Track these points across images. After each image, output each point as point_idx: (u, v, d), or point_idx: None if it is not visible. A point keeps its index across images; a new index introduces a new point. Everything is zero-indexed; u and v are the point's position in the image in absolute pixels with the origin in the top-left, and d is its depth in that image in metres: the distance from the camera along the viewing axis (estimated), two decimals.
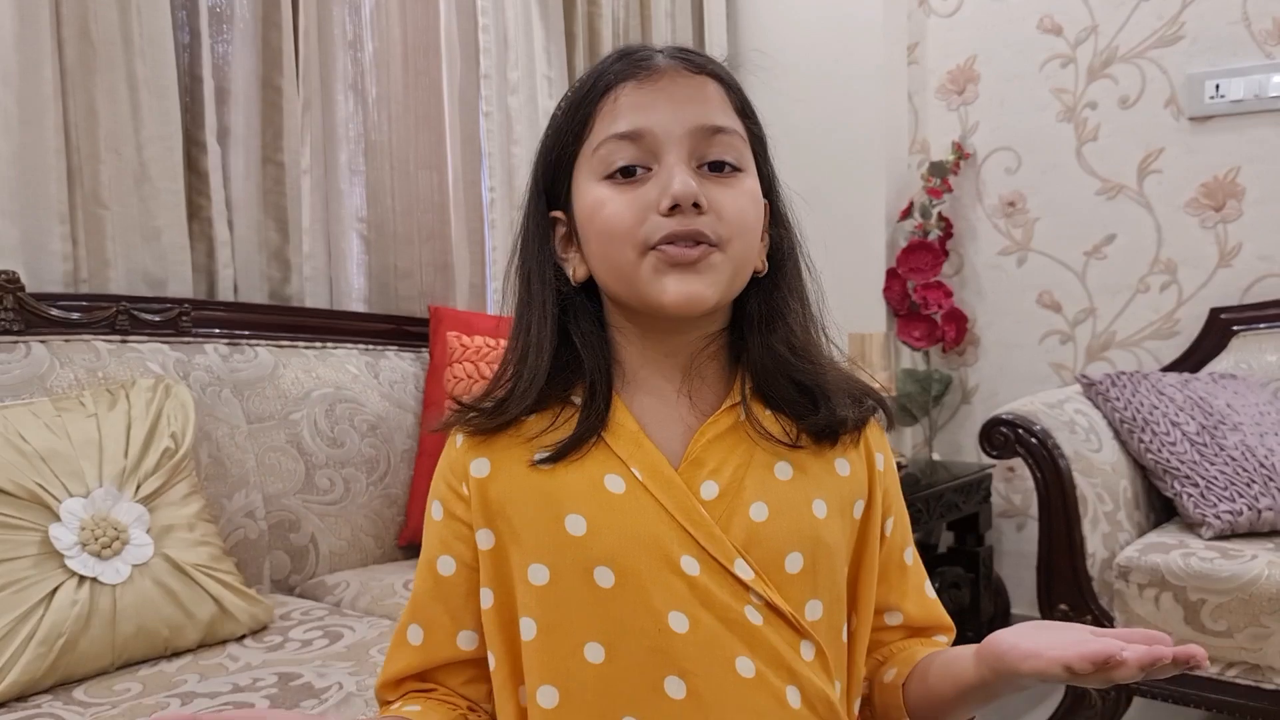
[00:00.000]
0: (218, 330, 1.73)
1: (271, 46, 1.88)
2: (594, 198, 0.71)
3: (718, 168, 0.71)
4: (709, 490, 0.71)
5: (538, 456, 0.72)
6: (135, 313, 1.61)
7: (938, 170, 2.58)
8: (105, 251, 1.65)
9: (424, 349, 2.02)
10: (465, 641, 0.75)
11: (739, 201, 0.71)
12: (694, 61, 0.72)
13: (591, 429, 0.72)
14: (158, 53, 1.68)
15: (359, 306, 2.08)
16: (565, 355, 0.74)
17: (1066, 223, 2.51)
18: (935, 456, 2.67)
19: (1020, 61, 2.54)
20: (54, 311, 1.52)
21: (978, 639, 2.30)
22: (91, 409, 1.37)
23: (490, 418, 0.74)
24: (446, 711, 0.75)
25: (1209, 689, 1.69)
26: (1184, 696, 1.72)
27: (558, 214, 0.76)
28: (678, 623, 0.68)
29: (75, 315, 1.54)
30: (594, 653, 0.69)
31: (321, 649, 1.31)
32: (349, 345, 1.92)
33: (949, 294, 2.58)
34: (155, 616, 1.27)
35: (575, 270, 0.75)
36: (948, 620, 0.83)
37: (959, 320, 2.59)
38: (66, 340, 1.51)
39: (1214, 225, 2.33)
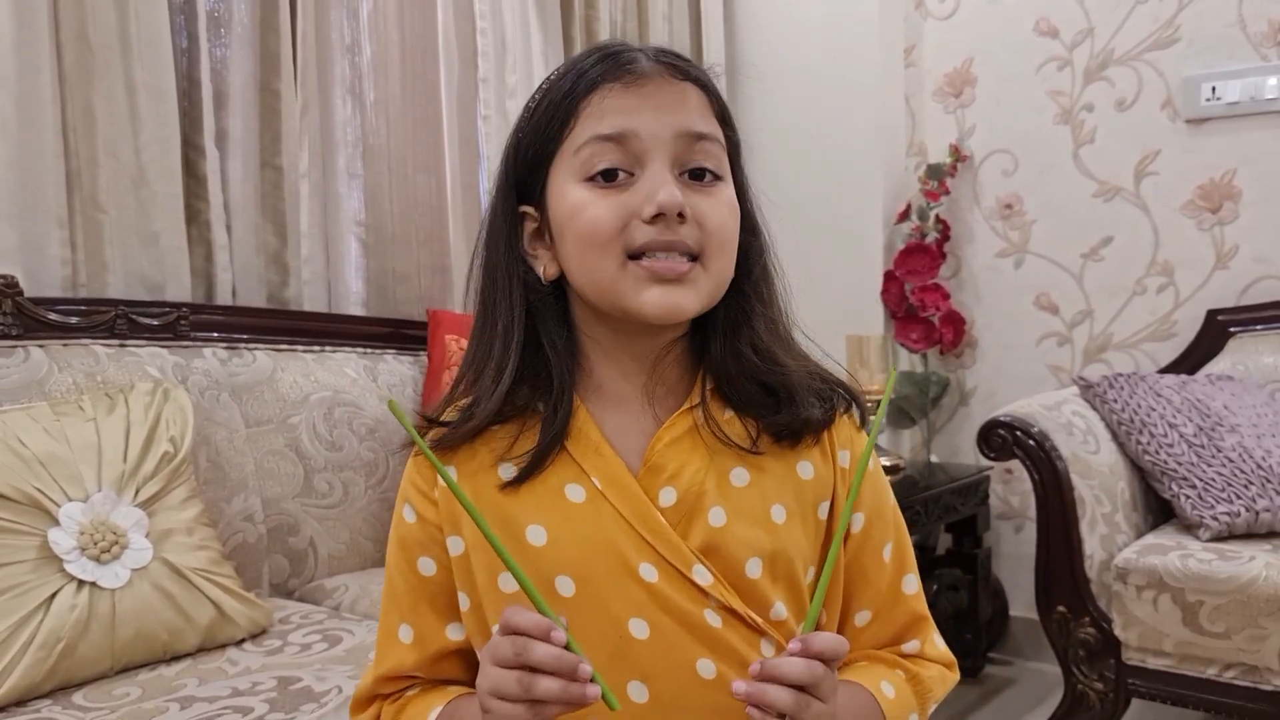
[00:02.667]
0: (216, 334, 1.73)
1: (269, 50, 1.88)
2: (574, 199, 0.70)
3: (698, 175, 0.71)
4: (667, 497, 0.72)
5: (504, 478, 0.72)
6: (134, 317, 1.61)
7: (935, 172, 2.59)
8: (103, 255, 1.65)
9: (422, 352, 2.02)
10: (455, 633, 0.76)
11: (720, 212, 0.71)
12: (678, 67, 0.72)
13: (554, 441, 0.72)
14: (156, 56, 1.68)
15: (357, 310, 2.08)
16: (531, 358, 0.73)
17: (1063, 225, 2.51)
18: (933, 459, 2.67)
19: (1017, 64, 2.55)
20: (52, 315, 1.52)
21: (976, 641, 2.31)
22: (90, 413, 1.37)
23: (458, 429, 0.73)
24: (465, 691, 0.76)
25: (1207, 690, 1.69)
26: (1182, 698, 1.72)
27: (528, 209, 0.74)
28: (638, 629, 0.70)
29: (74, 319, 1.54)
30: None
31: (321, 652, 1.31)
32: (347, 349, 1.92)
33: (946, 296, 2.58)
34: (154, 620, 1.27)
35: (546, 269, 0.74)
36: (919, 612, 0.81)
37: (956, 322, 2.59)
38: (65, 344, 1.51)
39: (1210, 227, 2.34)
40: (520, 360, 0.72)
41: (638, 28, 2.59)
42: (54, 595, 1.20)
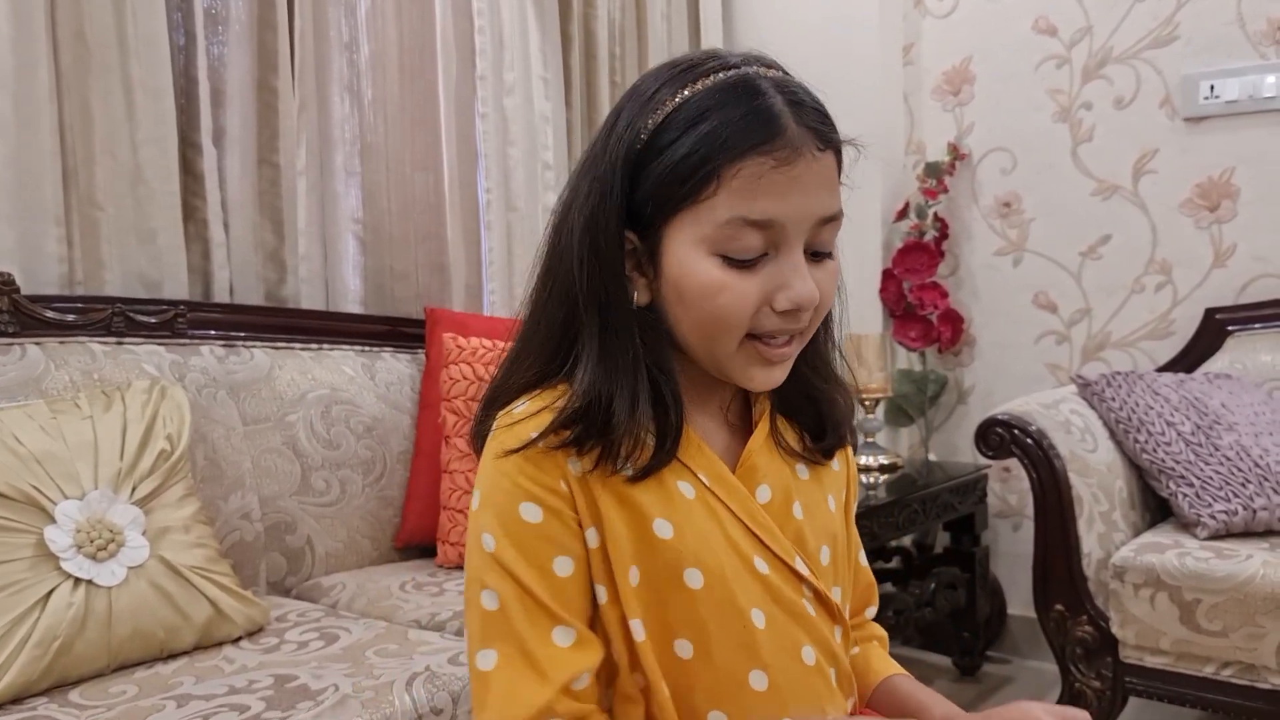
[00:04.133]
0: (213, 332, 1.73)
1: (267, 48, 1.88)
2: (709, 276, 0.70)
3: (817, 252, 0.73)
4: (763, 495, 0.77)
5: (627, 473, 0.72)
6: (131, 314, 1.61)
7: (933, 171, 2.59)
8: (100, 253, 1.65)
9: (420, 350, 2.02)
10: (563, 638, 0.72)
11: (831, 289, 0.75)
12: (821, 133, 0.71)
13: (671, 452, 0.73)
14: (153, 55, 1.68)
15: (355, 308, 2.08)
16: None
17: (1062, 223, 2.51)
18: (931, 457, 2.67)
19: (1015, 62, 2.55)
20: (49, 313, 1.52)
21: (974, 639, 2.31)
22: (87, 411, 1.37)
23: (606, 446, 0.71)
24: None
25: (1204, 689, 1.69)
26: (1180, 696, 1.72)
27: (630, 234, 0.73)
28: (758, 619, 0.74)
29: (70, 317, 1.54)
30: (683, 649, 0.73)
31: (318, 650, 1.31)
32: (345, 347, 1.91)
33: (945, 294, 2.58)
34: (151, 619, 1.27)
35: (639, 295, 0.74)
36: (872, 579, 0.93)
37: (955, 321, 2.59)
38: (62, 342, 1.51)
39: (1209, 226, 2.34)
40: (652, 387, 0.73)
41: (636, 27, 2.59)
42: (50, 593, 1.20)
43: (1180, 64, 2.33)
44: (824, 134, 0.71)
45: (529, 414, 0.72)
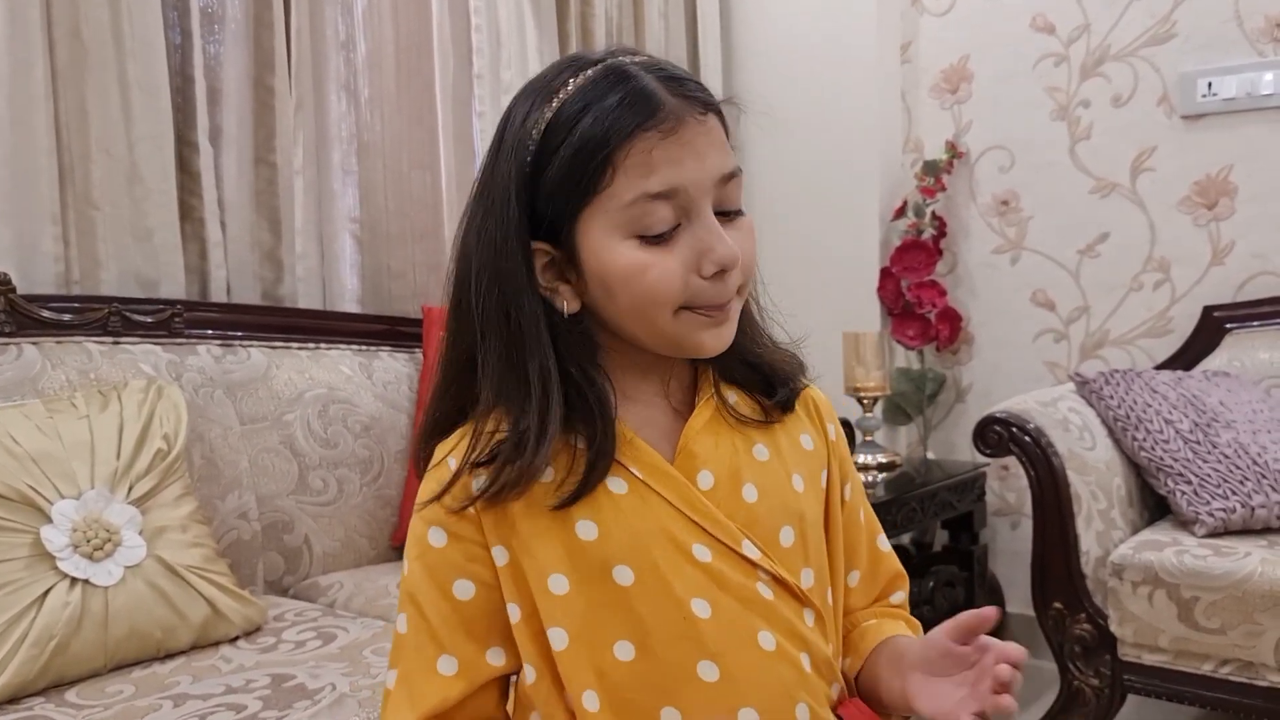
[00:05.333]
0: (210, 331, 1.73)
1: (263, 46, 1.87)
2: (630, 259, 0.70)
3: (726, 211, 0.73)
4: (705, 480, 0.75)
5: (550, 503, 0.71)
6: (127, 314, 1.61)
7: (931, 169, 2.58)
8: (97, 252, 1.64)
9: (417, 349, 2.02)
10: (495, 658, 0.74)
11: (751, 246, 0.74)
12: (699, 100, 0.72)
13: (603, 469, 0.72)
14: (149, 53, 1.68)
15: (352, 307, 2.08)
16: (565, 389, 0.73)
17: (1060, 221, 2.51)
18: (929, 455, 2.67)
19: (1013, 60, 2.54)
20: (45, 313, 1.51)
21: None
22: (83, 410, 1.37)
23: (511, 479, 0.70)
24: None
25: (1202, 686, 1.69)
26: (1178, 694, 1.72)
27: (542, 245, 0.72)
28: (700, 609, 0.72)
29: (67, 317, 1.54)
30: (624, 650, 0.71)
31: (315, 650, 1.31)
32: (342, 346, 1.91)
33: (943, 293, 2.58)
34: (148, 618, 1.26)
35: (567, 304, 0.73)
36: (899, 569, 0.90)
37: (953, 319, 2.59)
38: (58, 342, 1.51)
39: (1207, 223, 2.33)
40: (563, 401, 0.72)
41: (634, 25, 2.58)
42: (47, 593, 1.19)
43: (1178, 62, 2.33)
44: (701, 99, 0.72)
45: (450, 446, 0.75)
